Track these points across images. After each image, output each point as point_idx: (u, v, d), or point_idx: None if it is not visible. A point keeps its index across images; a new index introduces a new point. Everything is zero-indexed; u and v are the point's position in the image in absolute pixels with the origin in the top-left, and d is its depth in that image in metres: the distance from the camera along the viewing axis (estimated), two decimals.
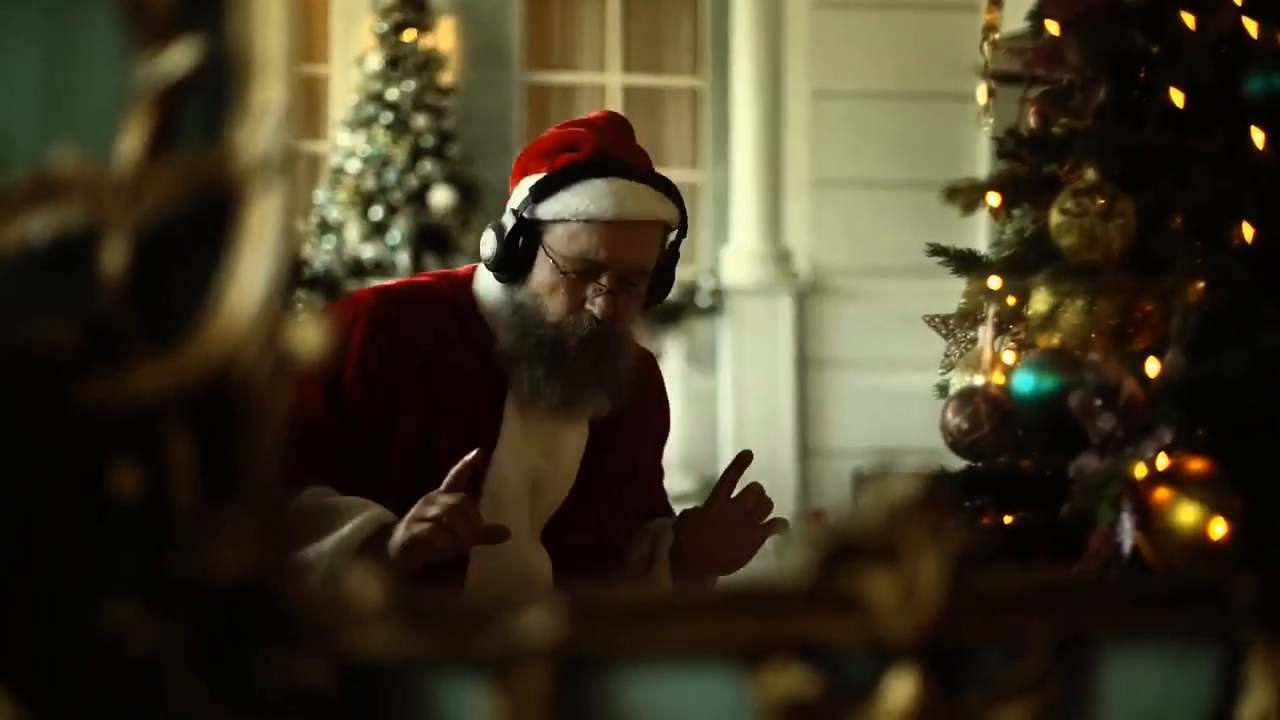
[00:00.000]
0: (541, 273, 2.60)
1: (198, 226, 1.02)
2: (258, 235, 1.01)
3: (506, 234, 2.62)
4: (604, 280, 2.58)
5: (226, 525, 1.02)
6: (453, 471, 2.45)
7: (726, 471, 2.69)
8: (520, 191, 2.65)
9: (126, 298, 1.01)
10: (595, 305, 2.58)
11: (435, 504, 2.42)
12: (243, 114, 1.02)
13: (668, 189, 2.67)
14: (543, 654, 1.03)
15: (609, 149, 2.66)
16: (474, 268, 2.73)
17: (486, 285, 2.67)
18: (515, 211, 2.62)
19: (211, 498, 1.03)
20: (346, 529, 2.45)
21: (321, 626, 1.03)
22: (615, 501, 2.71)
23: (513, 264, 2.62)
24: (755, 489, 2.66)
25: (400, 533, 2.43)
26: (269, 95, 1.02)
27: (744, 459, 2.69)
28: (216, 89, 1.03)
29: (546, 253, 2.59)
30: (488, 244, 2.65)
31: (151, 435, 1.01)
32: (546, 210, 2.60)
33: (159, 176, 1.01)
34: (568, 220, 2.59)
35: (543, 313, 2.60)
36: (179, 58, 1.02)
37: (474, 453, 2.47)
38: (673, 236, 2.69)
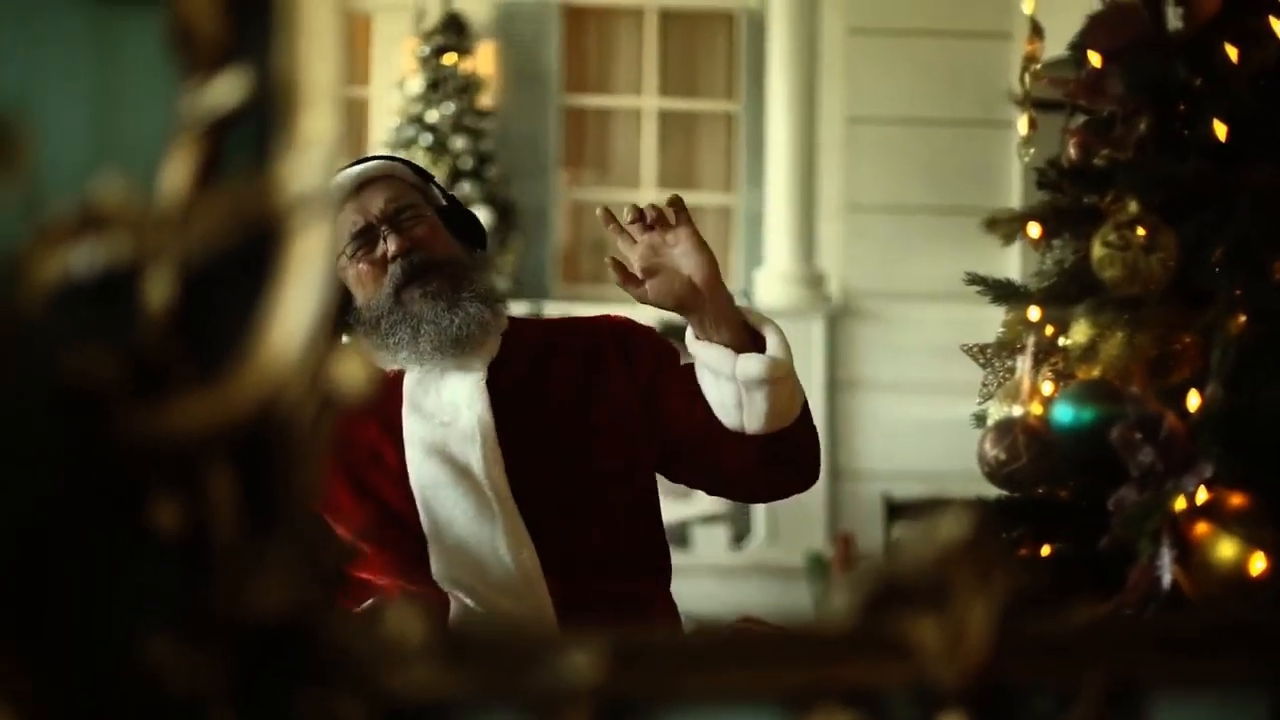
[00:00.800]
0: (350, 285, 2.63)
1: (243, 259, 1.01)
2: (303, 269, 1.00)
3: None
4: (383, 241, 2.62)
5: (267, 562, 1.01)
6: None
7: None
8: None
9: (171, 331, 1.00)
10: (390, 246, 2.62)
11: None
12: (290, 146, 1.02)
13: (385, 158, 2.75)
14: (586, 695, 1.02)
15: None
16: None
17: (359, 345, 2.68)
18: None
19: (253, 534, 1.02)
20: None
21: (361, 665, 1.03)
22: (557, 449, 2.65)
23: (342, 314, 2.63)
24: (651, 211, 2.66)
25: None
26: (317, 126, 1.02)
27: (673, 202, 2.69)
28: (264, 120, 1.03)
29: (341, 272, 2.62)
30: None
31: (193, 470, 1.00)
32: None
33: (205, 208, 1.00)
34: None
35: (371, 304, 2.62)
36: (227, 89, 1.02)
37: None
38: (435, 195, 2.76)
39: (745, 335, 2.61)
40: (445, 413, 2.63)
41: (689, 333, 2.63)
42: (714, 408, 2.60)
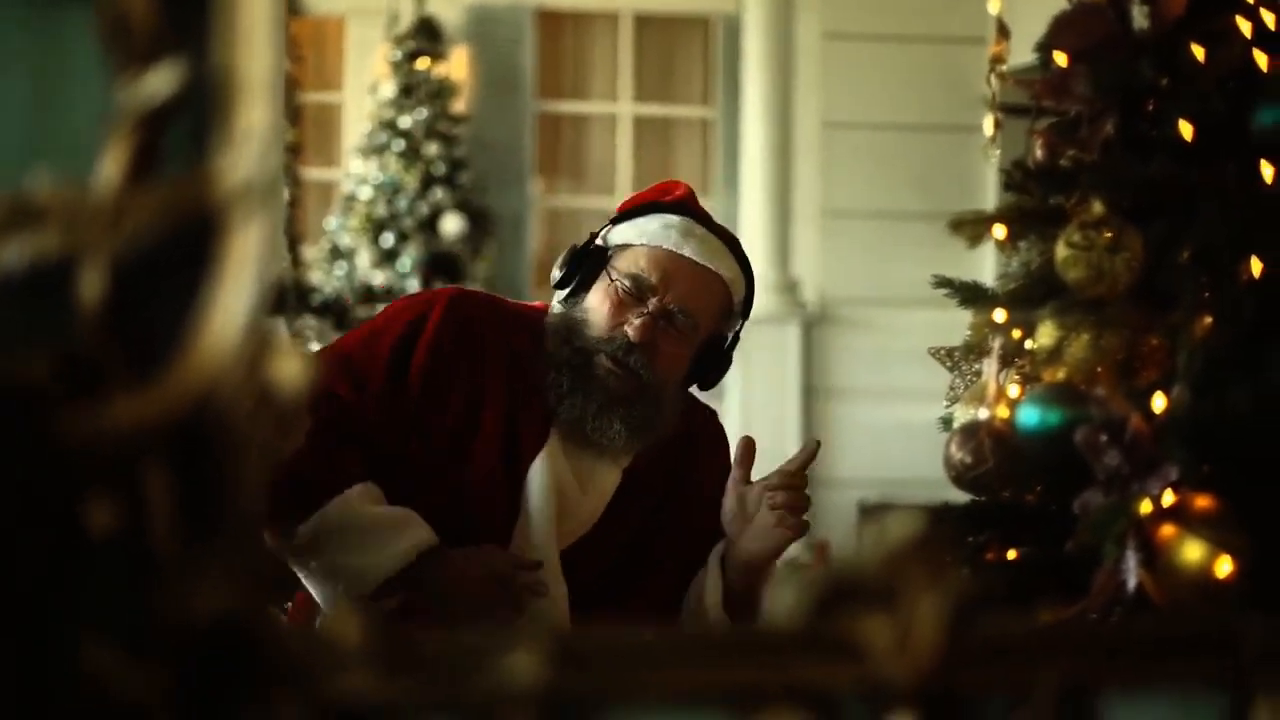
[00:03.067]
0: (597, 290, 2.66)
1: (178, 254, 1.00)
2: (239, 264, 0.98)
3: (577, 252, 2.70)
4: (650, 305, 2.62)
5: (206, 563, 0.99)
6: (517, 563, 2.55)
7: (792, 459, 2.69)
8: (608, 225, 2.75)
9: (104, 327, 0.99)
10: (632, 326, 2.61)
11: (488, 582, 2.52)
12: (226, 139, 1.00)
13: (740, 253, 2.77)
14: (528, 698, 1.00)
15: (695, 201, 2.78)
16: (548, 305, 2.78)
17: (554, 309, 2.73)
18: (593, 234, 2.74)
19: (191, 534, 1.00)
20: (398, 549, 2.51)
21: (302, 670, 1.01)
22: (639, 550, 2.71)
23: (575, 280, 2.68)
24: (787, 480, 2.64)
25: (456, 586, 2.51)
26: (253, 119, 1.00)
27: (811, 450, 2.67)
28: (200, 113, 1.01)
29: (608, 272, 2.66)
30: (561, 260, 2.73)
31: (129, 470, 0.98)
32: (619, 235, 2.70)
33: (139, 203, 0.98)
34: (634, 244, 2.67)
35: (586, 326, 2.65)
36: (161, 81, 1.00)
37: (538, 563, 2.57)
38: (737, 321, 2.78)
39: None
40: (584, 484, 2.68)
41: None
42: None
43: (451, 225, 8.08)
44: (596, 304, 2.65)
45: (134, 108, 0.99)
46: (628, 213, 2.73)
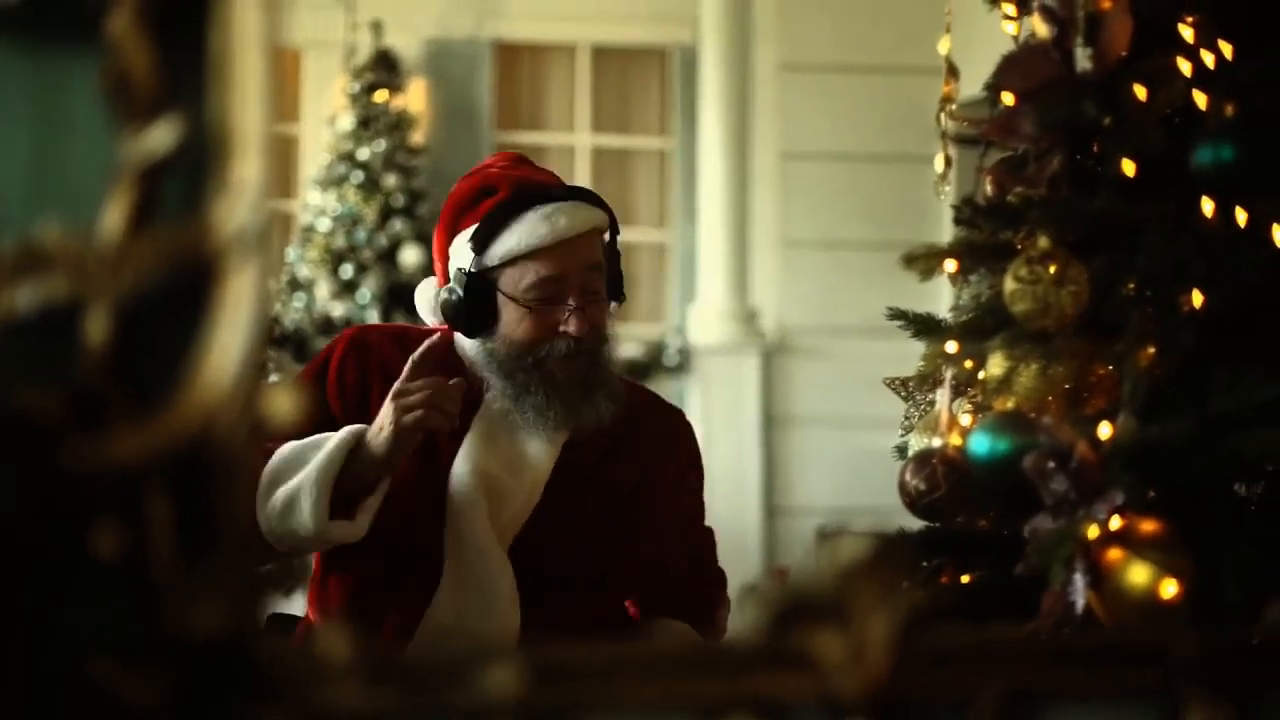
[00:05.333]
0: (508, 316, 2.68)
1: (177, 298, 1.06)
2: (234, 306, 1.05)
3: (462, 293, 2.68)
4: (570, 300, 2.66)
5: (203, 583, 1.06)
6: (413, 358, 2.58)
7: None
8: (460, 250, 2.72)
9: (109, 366, 1.05)
10: (571, 326, 2.66)
11: (413, 391, 2.53)
12: (221, 190, 1.07)
13: (589, 196, 2.76)
14: (506, 710, 1.07)
15: (523, 181, 2.74)
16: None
17: (464, 346, 2.74)
18: (463, 270, 2.69)
19: (189, 557, 1.07)
20: (329, 446, 2.55)
21: (292, 682, 1.07)
22: (589, 529, 2.74)
23: (478, 319, 2.69)
24: None
25: (386, 429, 2.53)
26: (247, 172, 1.07)
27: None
28: (196, 165, 1.08)
29: (505, 296, 2.67)
30: (446, 308, 2.72)
31: (132, 498, 1.05)
32: (492, 257, 2.68)
33: (140, 250, 1.05)
34: (515, 260, 2.66)
35: (518, 350, 2.68)
36: (161, 136, 1.07)
37: (437, 336, 2.62)
38: (607, 236, 2.76)
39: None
40: (515, 468, 2.71)
41: None
42: None
43: (411, 256, 8.10)
44: (518, 328, 2.68)
45: (135, 161, 1.06)
46: (487, 227, 2.69)
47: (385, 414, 2.54)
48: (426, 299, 2.80)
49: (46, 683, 1.06)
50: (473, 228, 2.71)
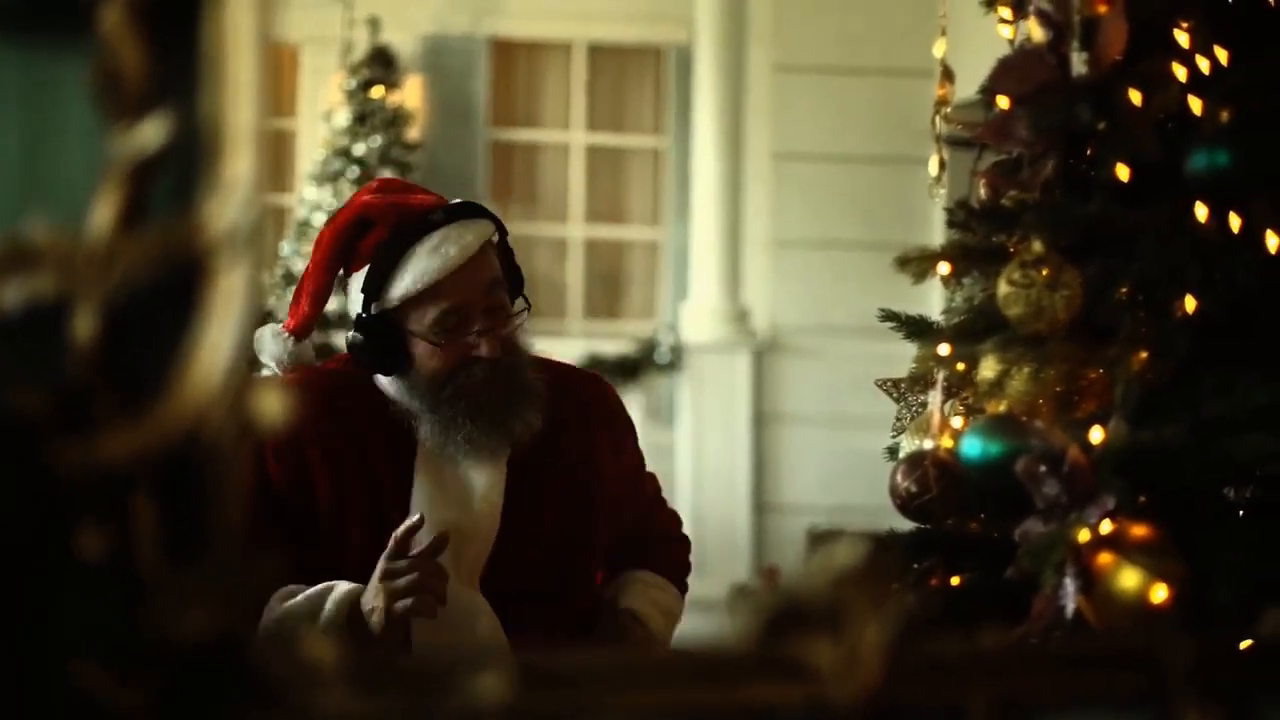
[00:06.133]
0: (419, 352, 2.65)
1: (167, 296, 1.05)
2: (224, 305, 1.04)
3: (365, 340, 2.66)
4: (477, 326, 2.64)
5: (191, 587, 1.05)
6: (396, 535, 2.50)
7: None
8: (355, 294, 2.69)
9: (97, 364, 1.04)
10: (483, 350, 2.63)
11: (400, 573, 2.47)
12: (212, 188, 1.06)
13: (469, 210, 2.71)
14: (495, 716, 1.06)
15: (401, 210, 2.69)
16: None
17: (384, 384, 2.72)
18: (362, 315, 2.66)
19: (177, 559, 1.06)
20: (326, 610, 2.50)
21: (281, 687, 1.06)
22: (553, 532, 2.73)
23: (389, 358, 2.67)
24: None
25: (378, 613, 2.44)
26: (238, 169, 1.06)
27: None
28: (187, 163, 1.07)
29: (412, 334, 2.64)
30: (355, 351, 2.69)
31: (119, 498, 1.04)
32: (389, 300, 2.65)
33: (130, 247, 1.04)
34: (411, 297, 2.63)
35: (437, 383, 2.65)
36: (151, 133, 1.06)
37: (416, 517, 2.52)
38: (496, 237, 2.72)
39: None
40: (465, 502, 2.68)
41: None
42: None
43: None
44: (430, 362, 2.65)
45: (125, 158, 1.05)
46: (377, 271, 2.65)
47: (374, 593, 2.47)
48: (269, 349, 2.75)
49: (32, 686, 1.05)
50: (363, 272, 2.68)
